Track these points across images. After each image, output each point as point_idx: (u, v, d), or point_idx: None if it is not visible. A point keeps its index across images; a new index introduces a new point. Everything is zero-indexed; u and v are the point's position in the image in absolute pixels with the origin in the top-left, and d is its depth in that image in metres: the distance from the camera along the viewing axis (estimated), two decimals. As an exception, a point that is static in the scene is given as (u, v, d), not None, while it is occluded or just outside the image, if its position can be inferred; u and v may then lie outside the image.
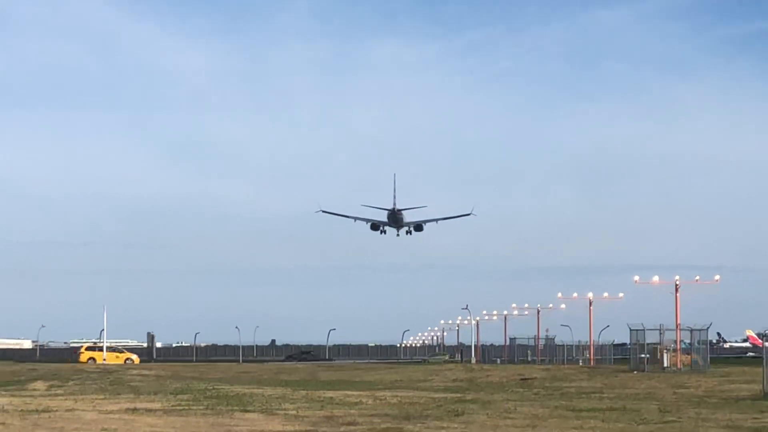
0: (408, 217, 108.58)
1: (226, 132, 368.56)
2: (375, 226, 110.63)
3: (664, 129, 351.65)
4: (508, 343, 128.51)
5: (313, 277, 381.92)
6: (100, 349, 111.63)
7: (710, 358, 72.50)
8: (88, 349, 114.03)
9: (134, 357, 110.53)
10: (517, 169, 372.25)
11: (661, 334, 71.15)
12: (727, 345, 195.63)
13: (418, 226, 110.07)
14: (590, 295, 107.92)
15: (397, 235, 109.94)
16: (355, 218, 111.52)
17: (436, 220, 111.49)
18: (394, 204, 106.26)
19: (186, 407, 32.72)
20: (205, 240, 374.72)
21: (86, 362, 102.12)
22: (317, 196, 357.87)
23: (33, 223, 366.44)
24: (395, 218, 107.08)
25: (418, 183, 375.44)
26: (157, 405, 33.86)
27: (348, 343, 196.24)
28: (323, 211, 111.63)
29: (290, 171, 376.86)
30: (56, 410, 30.95)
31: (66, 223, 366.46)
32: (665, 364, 69.21)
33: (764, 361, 41.83)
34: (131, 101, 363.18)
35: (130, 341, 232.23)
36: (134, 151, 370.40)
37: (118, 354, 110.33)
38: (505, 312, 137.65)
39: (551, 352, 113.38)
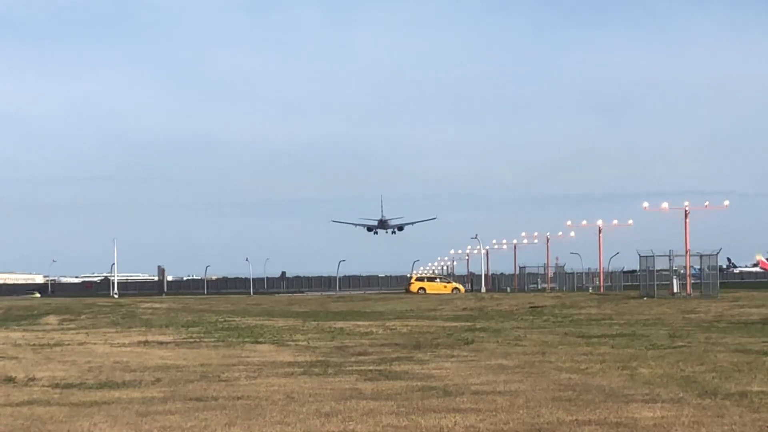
0: (391, 222, 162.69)
1: (233, 65, 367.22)
2: (370, 228, 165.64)
3: (672, 55, 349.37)
4: (517, 271, 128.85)
5: (323, 209, 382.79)
6: (430, 279, 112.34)
7: (720, 283, 72.50)
8: (418, 279, 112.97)
9: (460, 286, 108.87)
10: (526, 98, 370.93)
11: (670, 260, 71.23)
12: (737, 270, 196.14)
13: (400, 227, 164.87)
14: (600, 222, 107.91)
15: (385, 233, 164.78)
16: (356, 224, 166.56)
17: (411, 223, 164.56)
18: (382, 215, 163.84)
19: (197, 339, 32.86)
20: (214, 173, 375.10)
21: (416, 292, 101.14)
22: (324, 133, 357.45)
23: (42, 159, 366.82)
24: (383, 224, 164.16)
25: (426, 114, 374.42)
26: (168, 338, 34.01)
27: (358, 274, 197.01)
28: (333, 221, 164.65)
29: (298, 104, 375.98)
30: (68, 344, 31.10)
31: (75, 158, 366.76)
32: (675, 290, 69.38)
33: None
34: (138, 35, 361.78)
35: (141, 275, 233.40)
36: (142, 85, 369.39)
37: (445, 284, 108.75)
38: (515, 241, 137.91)
39: (561, 280, 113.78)
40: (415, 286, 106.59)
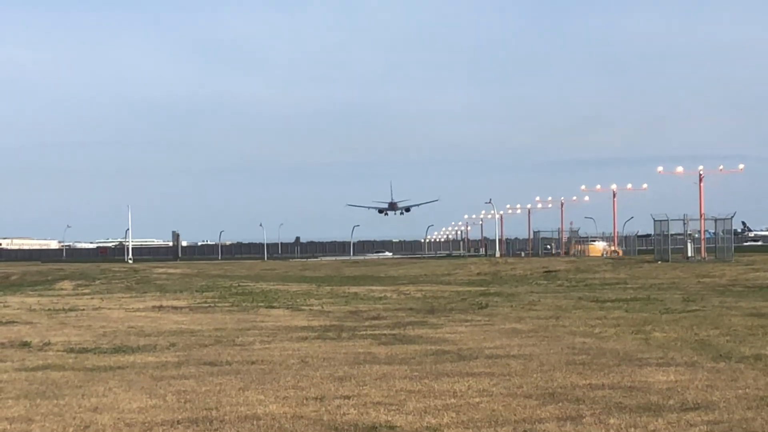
0: (399, 204, 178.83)
1: (247, 30, 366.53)
2: (381, 210, 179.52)
3: (689, 17, 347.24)
4: (532, 236, 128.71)
5: (337, 174, 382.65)
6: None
7: (734, 247, 72.28)
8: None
9: (619, 249, 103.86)
10: (540, 62, 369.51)
11: (685, 224, 71.02)
12: (752, 234, 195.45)
13: (407, 209, 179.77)
14: (614, 186, 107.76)
15: (395, 214, 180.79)
16: (369, 207, 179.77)
17: (417, 205, 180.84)
18: (392, 198, 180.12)
19: (212, 304, 32.94)
20: (228, 138, 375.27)
21: None
22: (338, 98, 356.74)
23: (57, 124, 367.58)
24: (393, 206, 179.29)
25: (440, 79, 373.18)
26: (183, 303, 34.10)
27: (372, 239, 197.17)
28: (348, 205, 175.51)
29: (311, 68, 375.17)
30: (83, 309, 31.20)
31: (89, 123, 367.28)
32: (689, 254, 69.21)
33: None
34: (152, 0, 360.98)
35: (155, 240, 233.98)
36: (156, 51, 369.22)
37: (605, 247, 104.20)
38: (529, 205, 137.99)
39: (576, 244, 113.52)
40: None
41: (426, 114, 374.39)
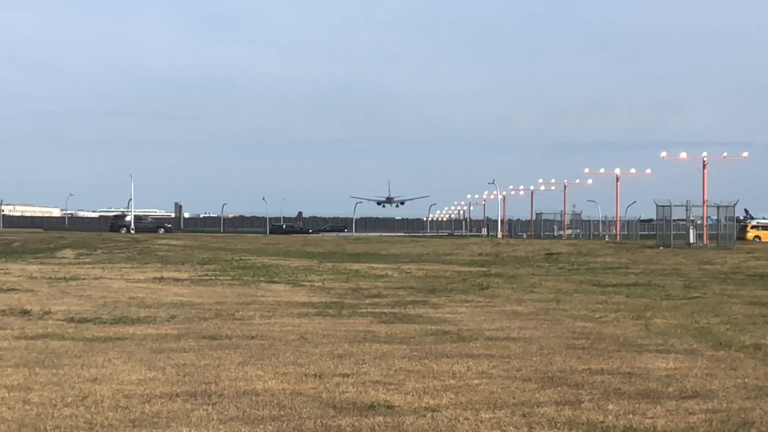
0: (395, 199, 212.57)
1: (254, 4, 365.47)
2: (379, 203, 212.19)
3: (695, 3, 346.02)
4: (534, 218, 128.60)
5: (341, 150, 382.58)
6: (765, 228, 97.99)
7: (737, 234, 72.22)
8: (753, 227, 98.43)
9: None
10: (546, 45, 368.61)
11: (687, 210, 70.96)
12: (754, 221, 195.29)
13: (402, 202, 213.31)
14: (617, 170, 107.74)
15: (391, 206, 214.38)
16: (369, 199, 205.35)
17: (411, 199, 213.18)
18: (389, 193, 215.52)
19: (213, 277, 32.97)
20: (233, 111, 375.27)
21: (752, 240, 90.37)
22: (344, 74, 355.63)
23: (62, 93, 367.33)
24: (389, 200, 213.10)
25: (447, 58, 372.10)
26: (184, 275, 34.14)
27: (375, 216, 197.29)
28: (352, 197, 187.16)
29: (317, 44, 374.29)
30: (84, 278, 31.24)
31: (95, 92, 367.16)
32: (691, 240, 69.18)
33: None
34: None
35: (157, 211, 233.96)
36: (163, 22, 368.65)
37: None
38: (532, 187, 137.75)
39: (578, 227, 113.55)
40: (750, 234, 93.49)
41: (430, 93, 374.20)
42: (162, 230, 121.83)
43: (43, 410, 10.33)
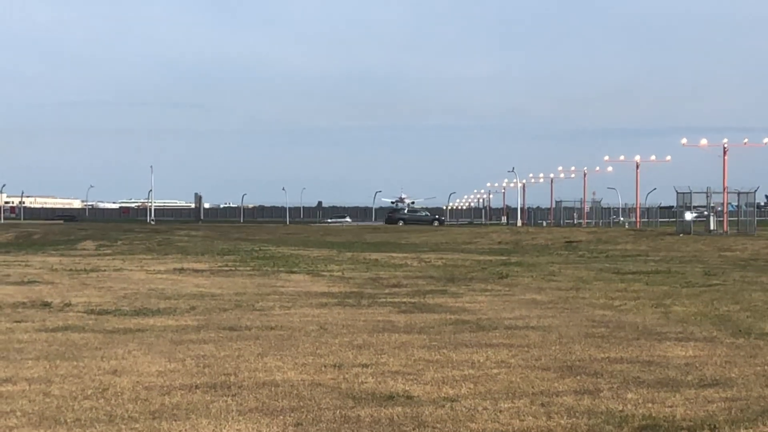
0: (406, 201, 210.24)
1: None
2: (392, 202, 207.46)
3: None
4: (554, 205, 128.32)
5: (361, 139, 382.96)
6: None
7: (758, 220, 71.90)
8: None
9: None
10: (567, 30, 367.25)
11: (708, 197, 70.65)
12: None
13: (413, 202, 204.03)
14: (637, 157, 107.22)
15: (403, 206, 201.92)
16: (383, 199, 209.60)
17: (419, 200, 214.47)
18: (401, 195, 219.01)
19: (233, 268, 33.05)
20: (253, 101, 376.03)
21: None
22: (363, 63, 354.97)
23: (82, 83, 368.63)
24: (401, 200, 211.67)
25: (465, 46, 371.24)
26: (204, 266, 34.23)
27: (396, 202, 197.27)
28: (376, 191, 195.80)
29: (337, 32, 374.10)
30: (105, 270, 31.37)
31: (114, 83, 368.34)
32: (711, 227, 68.92)
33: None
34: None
35: (178, 202, 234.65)
36: (183, 11, 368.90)
37: None
38: (552, 174, 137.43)
39: (597, 215, 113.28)
40: None
41: (449, 81, 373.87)
42: (436, 222, 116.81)
43: (63, 402, 10.39)
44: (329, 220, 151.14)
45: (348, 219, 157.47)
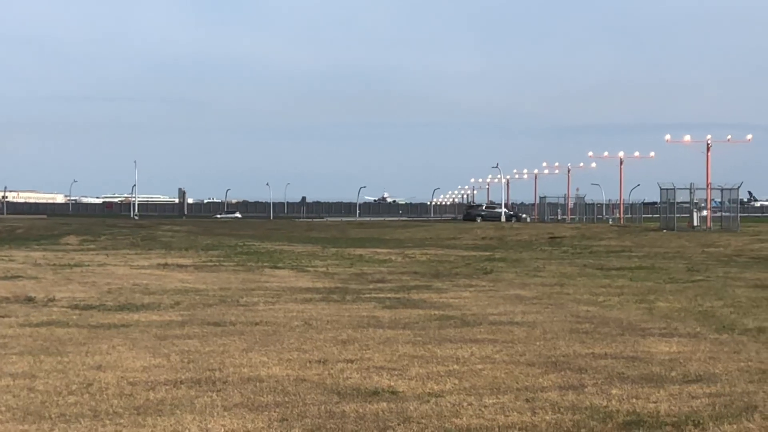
0: (387, 199, 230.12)
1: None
2: (375, 201, 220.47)
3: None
4: (538, 201, 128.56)
5: (346, 135, 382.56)
6: None
7: (741, 216, 72.13)
8: None
9: None
10: (551, 26, 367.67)
11: (691, 193, 70.86)
12: (758, 204, 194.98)
13: (394, 201, 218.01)
14: (621, 153, 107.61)
15: (385, 202, 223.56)
16: (366, 197, 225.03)
17: (400, 198, 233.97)
18: (383, 195, 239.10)
19: (217, 263, 33.01)
20: (238, 96, 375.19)
21: None
22: (348, 60, 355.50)
23: (66, 78, 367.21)
24: (383, 199, 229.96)
25: (451, 43, 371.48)
26: (188, 261, 34.18)
27: (378, 201, 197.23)
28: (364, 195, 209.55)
29: (321, 28, 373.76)
30: (88, 265, 31.29)
31: (98, 78, 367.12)
32: (695, 223, 69.12)
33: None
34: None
35: (161, 197, 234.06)
36: (168, 6, 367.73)
37: None
38: (536, 170, 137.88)
39: (581, 211, 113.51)
40: None
41: (435, 77, 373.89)
42: (514, 219, 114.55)
43: (47, 398, 10.36)
44: (218, 216, 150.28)
45: (238, 214, 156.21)
